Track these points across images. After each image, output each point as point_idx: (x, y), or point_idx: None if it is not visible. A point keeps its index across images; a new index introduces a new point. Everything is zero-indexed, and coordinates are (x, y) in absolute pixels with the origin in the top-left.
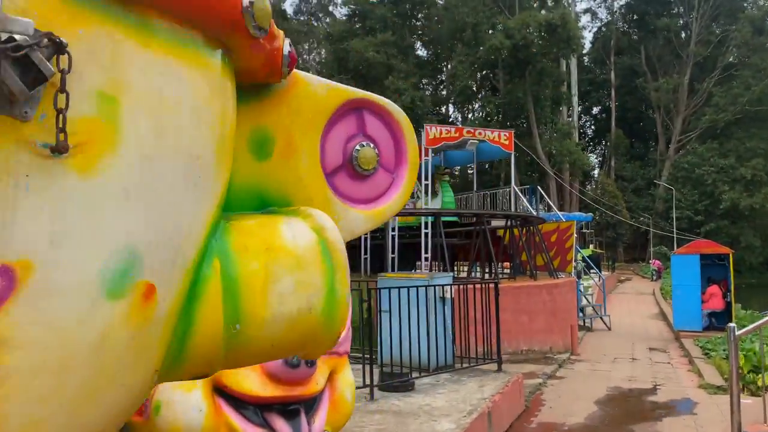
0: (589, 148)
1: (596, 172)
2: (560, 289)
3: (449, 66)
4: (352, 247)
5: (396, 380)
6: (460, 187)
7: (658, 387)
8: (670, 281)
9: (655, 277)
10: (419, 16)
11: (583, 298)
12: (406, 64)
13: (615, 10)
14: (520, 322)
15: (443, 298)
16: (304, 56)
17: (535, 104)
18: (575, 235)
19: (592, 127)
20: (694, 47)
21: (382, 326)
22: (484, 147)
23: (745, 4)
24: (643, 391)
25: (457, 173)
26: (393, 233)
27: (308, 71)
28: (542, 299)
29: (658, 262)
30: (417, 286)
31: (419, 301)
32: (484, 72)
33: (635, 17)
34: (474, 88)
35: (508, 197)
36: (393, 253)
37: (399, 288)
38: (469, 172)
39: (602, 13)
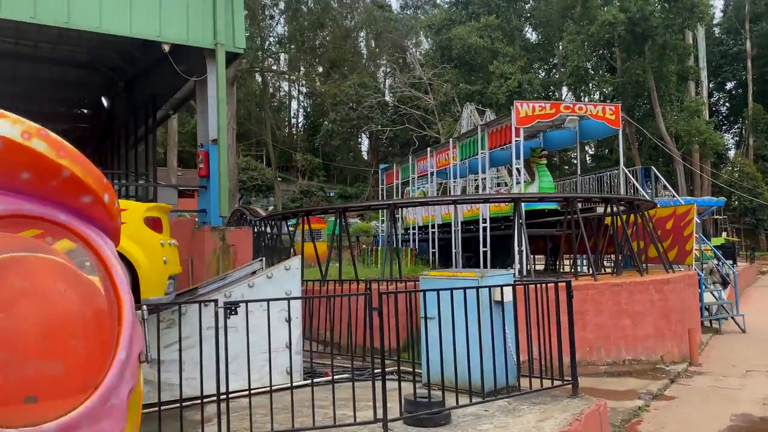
0: (724, 127)
1: (732, 153)
2: (674, 286)
3: (561, 47)
4: (447, 242)
5: (423, 411)
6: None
7: None
8: None
9: None
10: None
11: (709, 295)
12: (512, 48)
13: None
14: (621, 326)
15: (500, 302)
16: (411, 50)
17: (658, 82)
18: (696, 220)
19: (727, 104)
20: None
21: (428, 337)
22: (588, 125)
23: None
24: None
25: (574, 157)
26: (484, 224)
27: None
28: (650, 298)
29: None
30: (464, 288)
31: (468, 306)
32: (598, 51)
33: None
34: (587, 68)
35: (617, 180)
36: (485, 246)
37: (437, 290)
38: (570, 156)
39: None
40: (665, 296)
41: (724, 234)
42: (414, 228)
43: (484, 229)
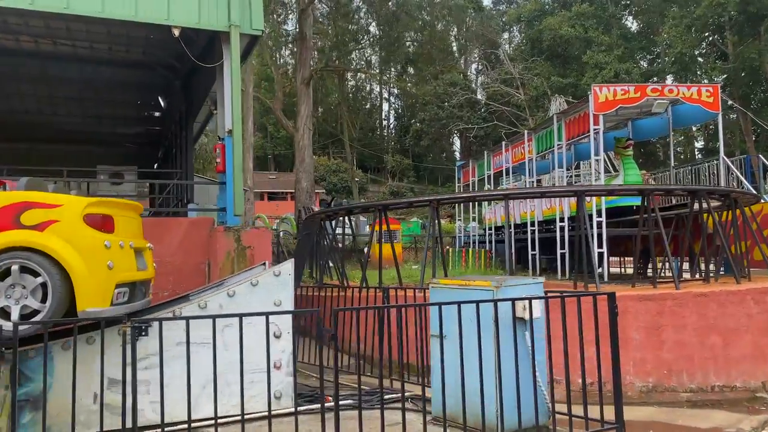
0: None
1: None
2: None
3: (664, 34)
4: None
5: None
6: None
7: None
8: None
9: None
10: None
11: None
12: (608, 36)
13: None
14: (708, 344)
15: (523, 319)
16: (502, 46)
17: None
18: None
19: None
20: None
21: (433, 361)
22: (682, 110)
23: None
24: None
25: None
26: (561, 223)
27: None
28: (747, 311)
29: None
30: (476, 302)
31: (482, 324)
32: (706, 36)
33: None
34: (694, 55)
35: (716, 172)
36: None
37: (439, 305)
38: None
39: None
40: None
41: None
42: (492, 228)
43: (561, 228)
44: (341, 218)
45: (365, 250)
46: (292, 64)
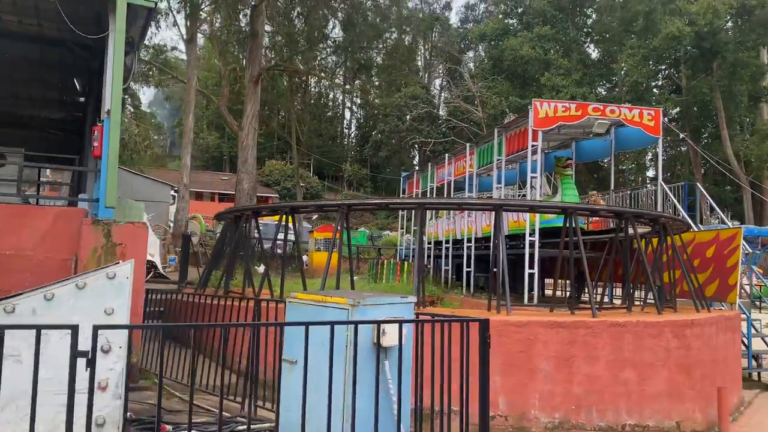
0: None
1: None
2: (701, 330)
3: (621, 63)
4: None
5: None
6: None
7: None
8: None
9: None
10: (588, 11)
11: (759, 341)
12: (567, 60)
13: None
14: (622, 379)
15: (382, 346)
16: (465, 63)
17: (726, 102)
18: (744, 249)
19: None
20: None
21: (283, 391)
22: (624, 133)
23: None
24: None
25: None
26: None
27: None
28: (665, 345)
29: None
30: (330, 323)
31: (335, 350)
32: (661, 68)
33: None
34: (649, 85)
35: (653, 198)
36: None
37: (278, 325)
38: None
39: None
40: (687, 343)
41: None
42: (440, 243)
43: (496, 246)
44: (254, 220)
45: (304, 257)
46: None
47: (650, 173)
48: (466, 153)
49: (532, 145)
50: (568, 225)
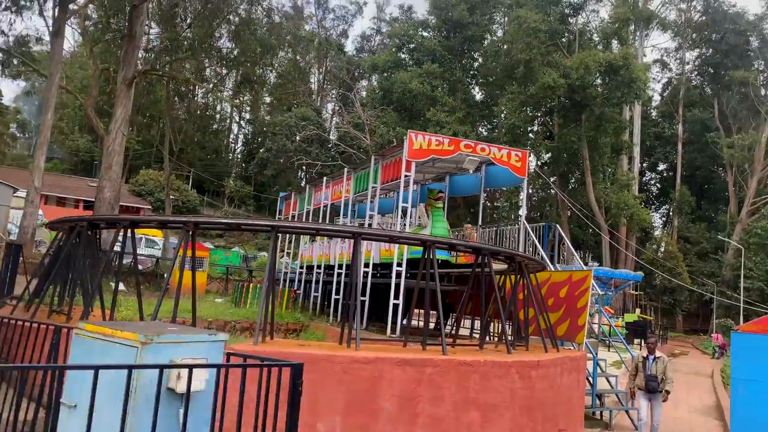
0: (654, 206)
1: (658, 232)
2: (546, 371)
3: (501, 107)
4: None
5: None
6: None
7: None
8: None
9: (717, 355)
10: (475, 55)
11: (604, 381)
12: (453, 99)
13: (687, 61)
14: (465, 421)
15: (176, 392)
16: (356, 90)
17: (592, 152)
18: (595, 291)
19: (657, 185)
20: None
21: None
22: (493, 171)
23: None
24: None
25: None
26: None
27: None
28: (511, 386)
29: (720, 336)
30: (115, 365)
31: (126, 392)
32: (538, 114)
33: (710, 70)
34: (523, 129)
35: (516, 235)
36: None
37: (56, 368)
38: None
39: (673, 65)
40: (532, 384)
41: (638, 311)
42: (312, 268)
43: (366, 274)
44: (91, 232)
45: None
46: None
47: (521, 212)
48: (344, 177)
49: (405, 175)
50: (426, 257)
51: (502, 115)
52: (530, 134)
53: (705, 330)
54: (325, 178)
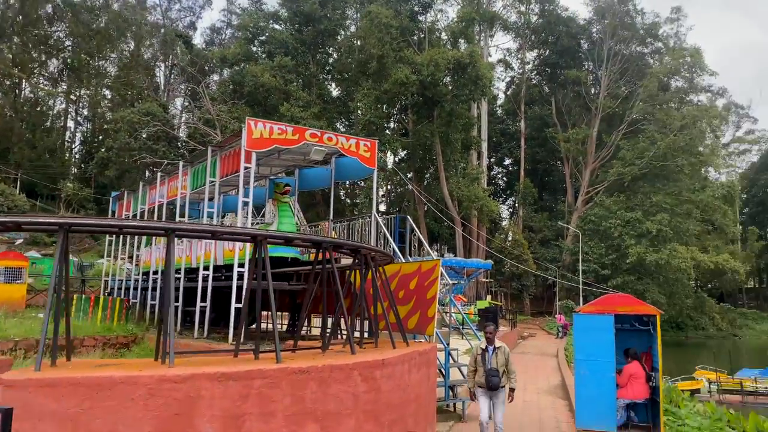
0: (501, 199)
1: (506, 222)
2: (392, 369)
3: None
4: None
5: None
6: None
7: None
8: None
9: (560, 335)
10: (330, 50)
11: (457, 371)
12: (307, 93)
13: (528, 61)
14: None
15: None
16: (205, 84)
17: (444, 147)
18: (444, 280)
19: (504, 178)
20: (602, 100)
21: None
22: (342, 163)
23: (652, 61)
24: None
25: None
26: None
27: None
28: (353, 390)
29: (562, 317)
30: None
31: None
32: (393, 111)
33: (547, 69)
34: (380, 125)
35: (368, 229)
36: (204, 300)
37: None
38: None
39: (515, 64)
40: (377, 385)
41: (488, 297)
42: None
43: (205, 278)
44: None
45: None
46: None
47: (382, 207)
48: (179, 173)
49: (245, 167)
50: (258, 254)
51: (359, 112)
52: (387, 131)
53: (550, 312)
54: (159, 174)
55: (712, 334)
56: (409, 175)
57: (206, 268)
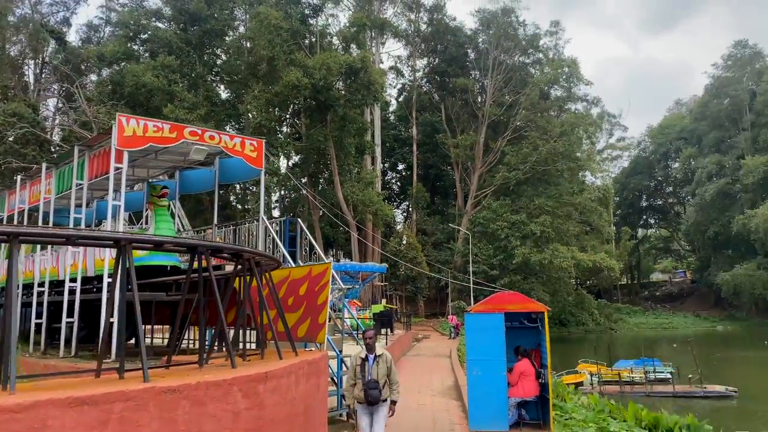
0: (395, 203)
1: (400, 226)
2: (278, 382)
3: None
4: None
5: None
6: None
7: None
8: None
9: (453, 335)
10: (218, 51)
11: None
12: (193, 95)
13: (418, 68)
14: None
15: None
16: (81, 84)
17: (338, 152)
18: (337, 285)
19: (398, 183)
20: (488, 108)
21: None
22: (227, 163)
23: (533, 71)
24: None
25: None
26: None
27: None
28: (233, 408)
29: (455, 317)
30: None
31: None
32: (286, 115)
33: (437, 77)
34: (271, 129)
35: (256, 233)
36: (71, 316)
37: None
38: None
39: (406, 71)
40: (260, 401)
41: (384, 301)
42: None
43: (72, 290)
44: None
45: None
46: None
47: (275, 213)
48: (42, 176)
49: (116, 168)
50: (122, 261)
51: (250, 115)
52: (279, 134)
53: (443, 313)
54: (19, 177)
55: (592, 329)
56: (303, 180)
57: (73, 280)
